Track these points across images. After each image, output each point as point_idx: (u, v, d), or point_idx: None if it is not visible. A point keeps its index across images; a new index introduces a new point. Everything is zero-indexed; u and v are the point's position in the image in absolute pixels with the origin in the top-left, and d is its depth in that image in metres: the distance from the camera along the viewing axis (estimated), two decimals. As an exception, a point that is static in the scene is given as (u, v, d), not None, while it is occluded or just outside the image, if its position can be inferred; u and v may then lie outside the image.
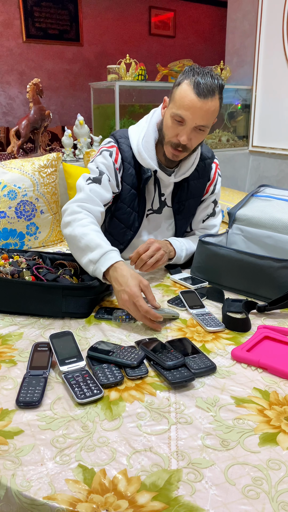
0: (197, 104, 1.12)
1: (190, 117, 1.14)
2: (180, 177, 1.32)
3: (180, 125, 1.17)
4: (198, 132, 1.18)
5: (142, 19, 5.83)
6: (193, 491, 0.58)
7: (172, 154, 1.23)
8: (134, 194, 1.33)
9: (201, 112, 1.13)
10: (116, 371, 0.81)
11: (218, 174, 1.43)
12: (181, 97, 1.14)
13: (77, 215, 1.18)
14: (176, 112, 1.15)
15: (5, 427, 0.69)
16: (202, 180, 1.39)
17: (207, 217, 1.45)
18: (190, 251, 1.35)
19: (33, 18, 4.98)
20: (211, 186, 1.41)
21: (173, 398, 0.77)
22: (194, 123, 1.15)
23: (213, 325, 0.99)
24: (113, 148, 1.30)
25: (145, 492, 0.58)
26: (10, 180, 1.78)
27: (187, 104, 1.13)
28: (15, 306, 1.05)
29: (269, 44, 3.20)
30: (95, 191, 1.24)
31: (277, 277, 1.08)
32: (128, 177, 1.31)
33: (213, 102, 1.14)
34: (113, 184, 1.29)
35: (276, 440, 0.67)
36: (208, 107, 1.13)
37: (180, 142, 1.18)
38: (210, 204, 1.44)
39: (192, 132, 1.17)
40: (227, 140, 3.47)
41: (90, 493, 0.58)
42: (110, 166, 1.28)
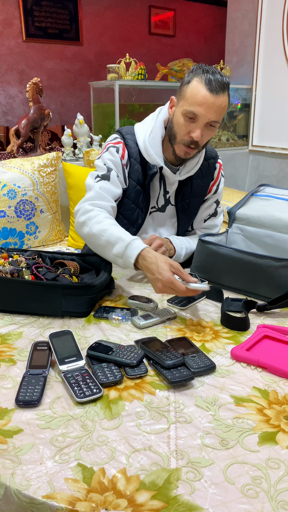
0: (210, 99, 1.14)
1: (203, 113, 1.15)
2: (185, 175, 1.33)
3: (193, 122, 1.18)
4: (209, 128, 1.20)
5: (142, 18, 5.82)
6: (193, 490, 0.58)
7: (184, 152, 1.24)
8: (139, 191, 1.33)
9: (214, 107, 1.15)
10: (116, 370, 0.81)
11: (221, 175, 1.44)
12: (193, 94, 1.15)
13: (91, 213, 1.19)
14: (189, 109, 1.16)
15: (5, 426, 0.69)
16: (206, 180, 1.40)
17: (209, 217, 1.46)
18: (190, 250, 1.35)
19: (33, 17, 4.98)
20: (214, 186, 1.42)
21: (173, 397, 0.77)
22: (207, 119, 1.16)
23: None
24: (120, 144, 1.31)
25: (144, 491, 0.58)
26: (9, 180, 1.78)
27: (200, 100, 1.14)
28: (14, 305, 1.05)
29: (269, 44, 3.20)
30: (104, 188, 1.25)
31: (277, 277, 1.08)
32: (134, 173, 1.31)
33: (224, 98, 1.17)
34: (121, 179, 1.30)
35: (275, 439, 0.67)
36: (220, 103, 1.15)
37: (193, 139, 1.19)
38: (212, 204, 1.45)
39: (204, 129, 1.19)
40: (227, 140, 3.47)
41: (89, 492, 0.58)
42: (118, 162, 1.29)
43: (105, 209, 1.22)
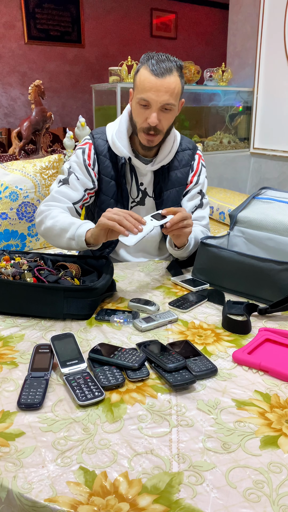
0: (156, 83, 1.17)
1: (153, 97, 1.18)
2: (157, 165, 1.35)
3: (147, 109, 1.21)
4: (165, 112, 1.22)
5: (143, 21, 5.84)
6: (194, 494, 0.58)
7: (146, 140, 1.26)
8: (114, 185, 1.37)
9: (162, 89, 1.17)
10: (117, 373, 0.82)
11: (202, 165, 1.45)
12: (141, 81, 1.20)
13: (45, 212, 1.26)
14: (140, 96, 1.20)
15: (7, 429, 0.69)
16: (184, 170, 1.41)
17: (195, 209, 1.46)
18: (195, 242, 1.34)
19: (35, 19, 5.00)
20: (195, 177, 1.43)
21: (174, 400, 0.77)
22: (158, 103, 1.19)
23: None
24: (86, 145, 1.36)
25: (146, 494, 0.58)
26: (11, 182, 1.79)
27: (147, 86, 1.18)
28: (16, 307, 1.05)
29: (270, 47, 3.20)
30: (61, 192, 1.31)
31: (279, 280, 1.08)
32: (105, 170, 1.36)
33: (172, 79, 1.18)
34: (83, 181, 1.34)
35: (277, 443, 0.67)
36: (168, 84, 1.17)
37: (150, 125, 1.21)
38: (195, 195, 1.45)
39: (159, 113, 1.21)
40: (228, 142, 3.47)
41: (91, 496, 0.58)
42: (81, 163, 1.34)
43: (60, 208, 1.28)
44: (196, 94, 3.44)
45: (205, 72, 3.33)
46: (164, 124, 1.24)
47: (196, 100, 3.49)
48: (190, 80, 3.08)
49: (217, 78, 3.30)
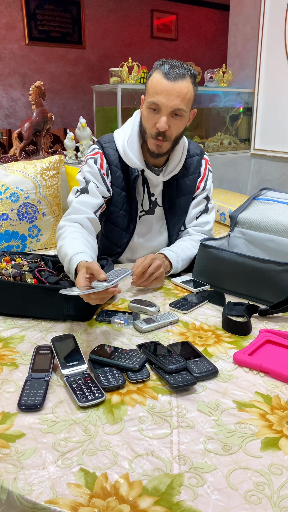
0: (168, 86, 1.14)
1: (163, 101, 1.15)
2: (168, 175, 1.33)
3: (157, 113, 1.18)
4: (175, 118, 1.19)
5: (144, 22, 5.85)
6: (195, 495, 0.58)
7: (155, 145, 1.23)
8: (125, 196, 1.34)
9: (174, 93, 1.14)
10: (118, 375, 0.81)
11: (208, 170, 1.43)
12: (152, 85, 1.17)
13: (60, 230, 1.22)
14: (150, 100, 1.17)
15: (7, 430, 0.69)
16: (192, 177, 1.39)
17: (200, 214, 1.43)
18: (186, 261, 1.32)
19: (36, 21, 5.00)
20: (202, 183, 1.41)
21: (175, 402, 0.77)
22: (169, 107, 1.16)
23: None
24: (98, 155, 1.32)
25: (147, 496, 0.58)
26: (12, 183, 1.79)
27: (159, 89, 1.15)
28: (17, 308, 1.05)
29: (271, 48, 3.20)
30: (82, 202, 1.26)
31: (279, 281, 1.08)
32: (116, 180, 1.33)
33: (185, 84, 1.15)
34: (102, 189, 1.30)
35: (278, 445, 0.67)
36: (180, 88, 1.15)
37: (159, 130, 1.18)
38: (202, 200, 1.43)
39: (169, 118, 1.18)
40: (229, 143, 3.47)
41: (91, 497, 0.57)
42: (96, 173, 1.30)
43: (79, 221, 1.22)
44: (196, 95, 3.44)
45: (206, 73, 3.33)
46: (173, 131, 1.21)
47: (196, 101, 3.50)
48: (191, 81, 3.08)
49: (218, 79, 3.30)
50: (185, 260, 1.30)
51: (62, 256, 1.12)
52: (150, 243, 1.44)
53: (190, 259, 1.31)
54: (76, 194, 1.29)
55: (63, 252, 1.12)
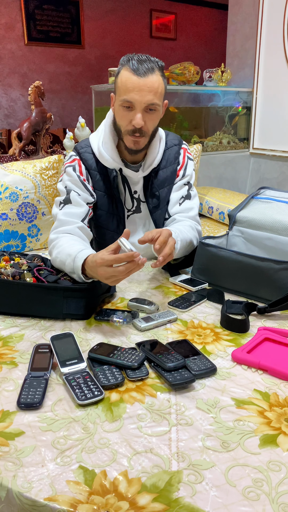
0: (139, 83, 1.13)
1: (136, 97, 1.14)
2: (148, 169, 1.31)
3: (130, 110, 1.17)
4: (150, 112, 1.18)
5: (143, 21, 5.85)
6: (194, 492, 0.58)
7: (132, 142, 1.21)
8: (109, 198, 1.33)
9: (145, 89, 1.14)
10: (117, 373, 0.82)
11: (188, 158, 1.40)
12: (122, 83, 1.16)
13: (53, 242, 1.21)
14: (123, 98, 1.16)
15: (6, 428, 0.70)
16: (171, 167, 1.37)
17: (183, 200, 1.39)
18: (184, 243, 1.23)
19: (35, 21, 5.00)
20: (181, 170, 1.39)
21: (174, 399, 0.77)
22: (142, 103, 1.15)
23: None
24: (75, 162, 1.31)
25: (146, 493, 0.58)
26: (11, 182, 1.79)
27: (130, 86, 1.14)
28: (16, 307, 1.05)
29: (269, 47, 3.20)
30: (67, 213, 1.25)
31: (277, 279, 1.08)
32: (97, 184, 1.32)
33: (155, 78, 1.15)
34: (84, 196, 1.29)
35: (276, 442, 0.67)
36: (151, 83, 1.14)
37: (135, 127, 1.17)
38: (182, 186, 1.39)
39: (144, 114, 1.17)
40: (227, 143, 3.47)
41: (91, 494, 0.58)
42: (76, 180, 1.29)
43: (70, 232, 1.22)
44: (195, 95, 3.44)
45: (205, 73, 3.33)
46: (149, 126, 1.20)
47: (195, 101, 3.49)
48: (190, 80, 3.08)
49: (217, 78, 3.30)
50: (183, 241, 1.22)
51: (62, 259, 1.11)
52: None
53: (186, 242, 1.24)
54: (60, 206, 1.27)
55: (63, 256, 1.11)
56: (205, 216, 2.55)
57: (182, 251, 1.25)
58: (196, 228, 1.35)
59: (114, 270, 0.97)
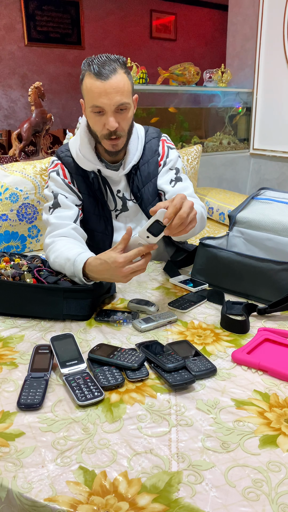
0: (104, 86, 1.11)
1: (105, 101, 1.13)
2: (128, 167, 1.29)
3: (102, 115, 1.16)
4: (121, 112, 1.16)
5: (143, 22, 5.85)
6: (194, 493, 0.58)
7: (111, 145, 1.20)
8: (93, 200, 1.32)
9: (112, 91, 1.12)
10: (117, 373, 0.82)
11: (168, 148, 1.37)
12: (88, 89, 1.14)
13: (49, 246, 1.20)
14: (91, 104, 1.14)
15: (6, 429, 0.70)
16: (152, 160, 1.34)
17: (174, 183, 1.33)
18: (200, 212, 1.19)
19: (35, 21, 5.01)
20: (162, 160, 1.36)
21: (174, 400, 0.77)
22: (112, 106, 1.13)
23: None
24: (57, 166, 1.31)
25: (146, 494, 0.58)
26: (12, 183, 1.79)
27: (96, 92, 1.12)
28: (16, 308, 1.06)
29: (269, 48, 3.21)
30: (59, 217, 1.25)
31: (278, 280, 1.08)
32: (81, 187, 1.31)
33: (119, 77, 1.13)
34: (72, 198, 1.29)
35: (276, 442, 0.67)
36: (116, 84, 1.12)
37: (110, 130, 1.16)
38: (167, 171, 1.35)
39: (116, 115, 1.16)
40: (228, 143, 3.48)
41: (90, 495, 0.58)
42: (62, 184, 1.29)
43: (65, 234, 1.21)
44: (195, 95, 3.44)
45: (205, 73, 3.34)
46: (124, 125, 1.19)
47: (195, 101, 3.50)
48: (190, 81, 3.09)
49: (217, 79, 3.30)
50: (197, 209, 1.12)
51: (61, 263, 1.11)
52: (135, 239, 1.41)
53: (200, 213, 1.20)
54: (50, 211, 1.27)
55: (61, 260, 1.11)
56: (205, 216, 2.55)
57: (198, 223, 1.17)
58: (199, 203, 1.30)
59: (137, 265, 0.99)
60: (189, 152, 2.32)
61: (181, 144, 3.10)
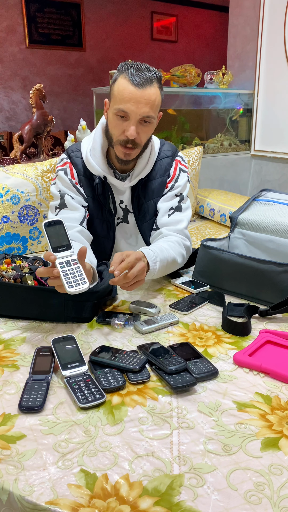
0: (136, 94, 1.10)
1: (132, 108, 1.11)
2: (135, 179, 1.27)
3: (125, 120, 1.14)
4: (144, 124, 1.15)
5: (144, 24, 5.86)
6: (195, 496, 0.58)
7: (123, 153, 1.19)
8: (98, 204, 1.31)
9: (142, 101, 1.11)
10: (118, 376, 0.82)
11: (180, 170, 1.35)
12: (119, 91, 1.13)
13: None
14: (118, 107, 1.12)
15: (8, 431, 0.70)
16: (161, 179, 1.32)
17: (172, 212, 1.32)
18: (164, 262, 1.18)
19: (36, 23, 5.02)
20: (171, 182, 1.33)
21: (175, 402, 0.77)
22: (138, 115, 1.12)
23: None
24: (66, 165, 1.29)
25: (147, 497, 0.58)
26: (13, 185, 1.79)
27: (126, 96, 1.11)
28: (17, 310, 1.06)
29: (270, 49, 3.21)
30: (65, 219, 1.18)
31: (279, 282, 1.08)
32: (86, 189, 1.29)
33: (153, 90, 1.12)
34: (78, 199, 1.27)
35: (278, 445, 0.67)
36: (148, 95, 1.11)
37: (128, 138, 1.14)
38: (173, 197, 1.33)
39: (138, 126, 1.14)
40: (229, 145, 3.48)
41: (92, 498, 0.58)
42: (69, 184, 1.27)
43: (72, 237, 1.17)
44: (196, 97, 3.44)
45: (206, 75, 3.34)
46: (142, 138, 1.17)
47: (196, 103, 3.50)
48: (191, 83, 3.09)
49: (218, 80, 3.31)
50: (163, 261, 1.17)
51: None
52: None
53: (167, 262, 1.19)
54: (56, 211, 1.25)
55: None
56: (206, 218, 2.55)
57: (163, 271, 1.20)
58: (183, 243, 1.28)
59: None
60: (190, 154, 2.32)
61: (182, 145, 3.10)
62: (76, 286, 0.79)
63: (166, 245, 1.22)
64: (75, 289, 0.79)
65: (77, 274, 0.83)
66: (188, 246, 1.32)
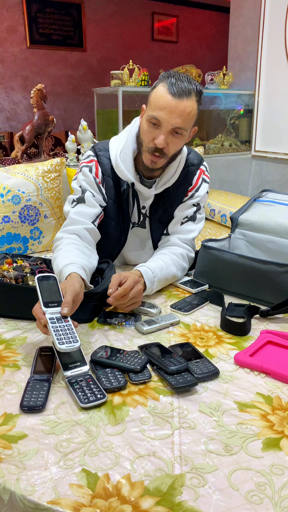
0: (171, 103, 1.09)
1: (165, 117, 1.10)
2: (161, 188, 1.27)
3: (156, 128, 1.13)
4: (175, 136, 1.14)
5: (145, 24, 5.87)
6: (197, 496, 0.58)
7: (150, 161, 1.18)
8: (116, 207, 1.30)
9: (177, 111, 1.09)
10: (120, 376, 0.82)
11: (202, 180, 1.35)
12: (155, 98, 1.12)
13: (57, 242, 1.19)
14: (152, 114, 1.12)
15: (9, 431, 0.70)
16: (183, 187, 1.32)
17: (186, 220, 1.33)
18: (163, 282, 1.20)
19: (37, 24, 5.03)
20: (192, 191, 1.33)
21: (176, 402, 0.77)
22: (170, 125, 1.11)
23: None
24: (92, 163, 1.28)
25: (149, 497, 0.58)
26: (14, 185, 1.79)
27: (161, 104, 1.10)
28: (19, 310, 1.06)
29: (271, 50, 3.21)
30: (79, 212, 1.23)
31: (280, 282, 1.08)
32: (109, 190, 1.28)
33: (189, 103, 1.10)
34: (98, 198, 1.26)
35: (279, 445, 0.67)
36: (183, 107, 1.10)
37: (156, 146, 1.13)
38: (190, 206, 1.33)
39: (168, 136, 1.13)
40: (229, 145, 3.48)
41: (93, 498, 0.58)
42: (92, 181, 1.26)
43: (77, 232, 1.19)
44: (197, 97, 3.45)
45: (206, 76, 3.35)
46: (171, 149, 1.16)
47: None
48: (192, 83, 3.10)
49: (218, 81, 3.31)
50: (161, 280, 1.19)
51: (54, 268, 1.11)
52: (140, 256, 1.39)
53: (166, 279, 1.21)
54: (73, 204, 1.25)
55: (55, 264, 1.10)
56: (207, 218, 2.56)
57: (161, 286, 1.22)
58: (188, 255, 1.31)
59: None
60: (191, 154, 2.31)
61: (182, 146, 3.11)
62: (67, 343, 0.77)
63: (169, 259, 1.24)
64: (66, 346, 0.77)
65: (68, 332, 0.81)
66: (192, 257, 1.34)
